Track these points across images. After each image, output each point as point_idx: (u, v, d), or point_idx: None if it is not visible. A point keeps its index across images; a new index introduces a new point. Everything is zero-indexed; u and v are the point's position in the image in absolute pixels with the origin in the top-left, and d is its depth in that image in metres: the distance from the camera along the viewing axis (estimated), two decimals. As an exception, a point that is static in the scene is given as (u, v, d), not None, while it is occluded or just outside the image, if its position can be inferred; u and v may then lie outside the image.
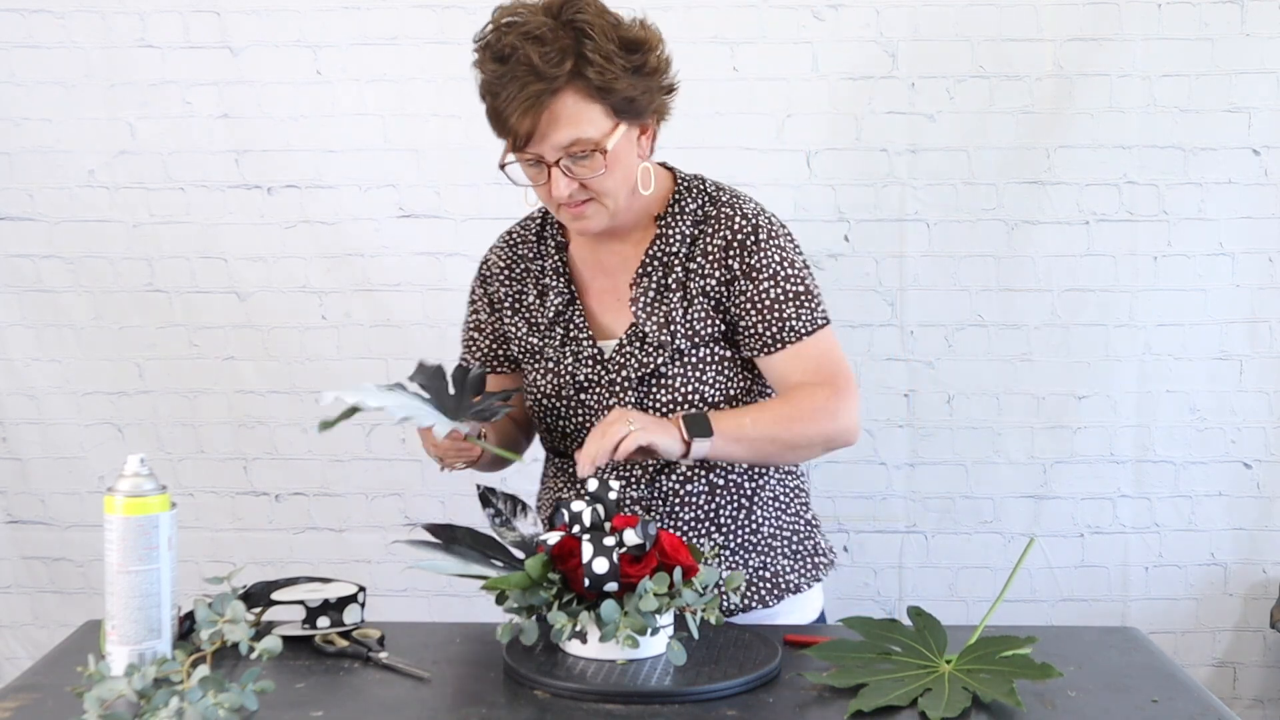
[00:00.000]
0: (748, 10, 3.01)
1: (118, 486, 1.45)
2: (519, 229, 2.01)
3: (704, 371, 1.84)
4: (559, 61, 1.69)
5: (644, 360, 1.84)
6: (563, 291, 1.91)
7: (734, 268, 1.83)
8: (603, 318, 1.91)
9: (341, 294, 3.09)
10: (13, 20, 3.03)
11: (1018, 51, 2.99)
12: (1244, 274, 3.04)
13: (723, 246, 1.83)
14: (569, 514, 1.57)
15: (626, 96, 1.73)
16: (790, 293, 1.84)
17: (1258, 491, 3.10)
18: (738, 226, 1.84)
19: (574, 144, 1.72)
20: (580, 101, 1.71)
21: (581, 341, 1.89)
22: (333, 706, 1.41)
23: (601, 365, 1.87)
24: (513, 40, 1.69)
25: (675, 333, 1.83)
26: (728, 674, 1.47)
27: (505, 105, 1.70)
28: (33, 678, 1.52)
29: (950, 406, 3.08)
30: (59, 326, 3.11)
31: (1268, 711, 3.15)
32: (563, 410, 1.90)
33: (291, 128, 3.05)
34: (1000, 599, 1.54)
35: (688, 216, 1.87)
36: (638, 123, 1.79)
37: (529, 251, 1.97)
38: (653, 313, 1.85)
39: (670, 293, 1.85)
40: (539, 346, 1.92)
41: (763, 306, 1.83)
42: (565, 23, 1.71)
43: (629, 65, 1.73)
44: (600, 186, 1.76)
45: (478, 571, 1.58)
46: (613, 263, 1.91)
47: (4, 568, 3.19)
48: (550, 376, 1.90)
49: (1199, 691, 1.49)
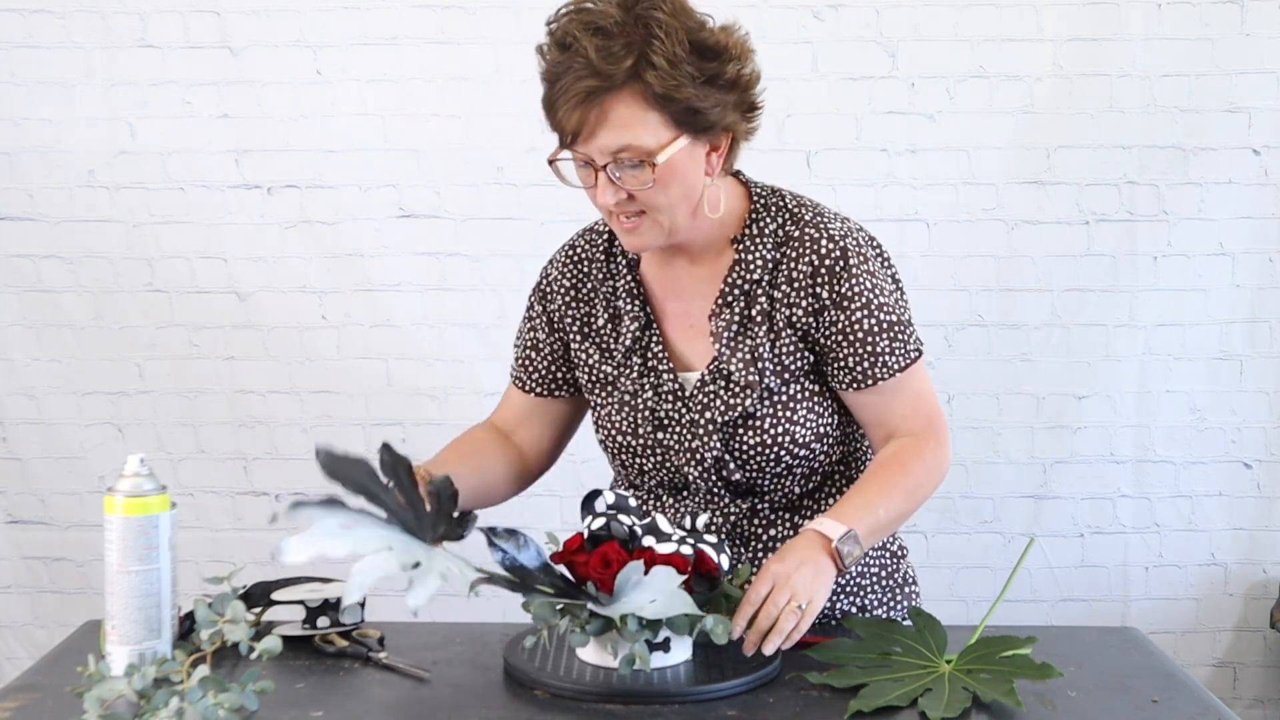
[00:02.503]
0: (748, 10, 2.99)
1: (118, 486, 1.45)
2: (583, 243, 1.81)
3: (794, 410, 1.68)
4: (618, 59, 1.54)
5: (730, 402, 1.68)
6: (638, 316, 1.74)
7: (823, 296, 1.67)
8: (680, 346, 1.74)
9: (341, 294, 3.09)
10: (13, 20, 3.04)
11: (1018, 51, 2.99)
12: (1244, 274, 3.04)
13: (809, 273, 1.67)
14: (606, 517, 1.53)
15: (691, 107, 1.57)
16: (884, 324, 1.68)
17: (1258, 491, 3.10)
18: (825, 250, 1.67)
19: (623, 150, 1.56)
20: (637, 106, 1.56)
21: (661, 374, 1.72)
22: (333, 706, 1.41)
23: (683, 402, 1.71)
24: (575, 29, 1.56)
25: (763, 370, 1.68)
26: (727, 674, 1.46)
27: (558, 96, 1.56)
28: (33, 678, 1.52)
29: (950, 406, 3.08)
30: (59, 326, 3.11)
31: (1268, 711, 3.15)
32: (638, 449, 1.73)
33: (291, 128, 3.05)
34: (1000, 599, 1.54)
35: (768, 239, 1.70)
36: (705, 138, 1.62)
37: (598, 270, 1.78)
38: (737, 348, 1.69)
39: (755, 325, 1.69)
40: (613, 376, 1.75)
41: (855, 339, 1.67)
42: (636, 17, 1.56)
43: (699, 73, 1.58)
44: (650, 200, 1.60)
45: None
46: (686, 285, 1.74)
47: (4, 568, 3.19)
48: (626, 411, 1.73)
49: (1199, 691, 1.49)
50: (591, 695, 1.41)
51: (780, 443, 1.68)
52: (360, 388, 3.10)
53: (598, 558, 1.47)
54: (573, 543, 1.52)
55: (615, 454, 1.77)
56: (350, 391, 3.10)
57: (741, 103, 1.66)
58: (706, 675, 1.46)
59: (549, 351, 1.82)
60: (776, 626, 1.47)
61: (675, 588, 1.43)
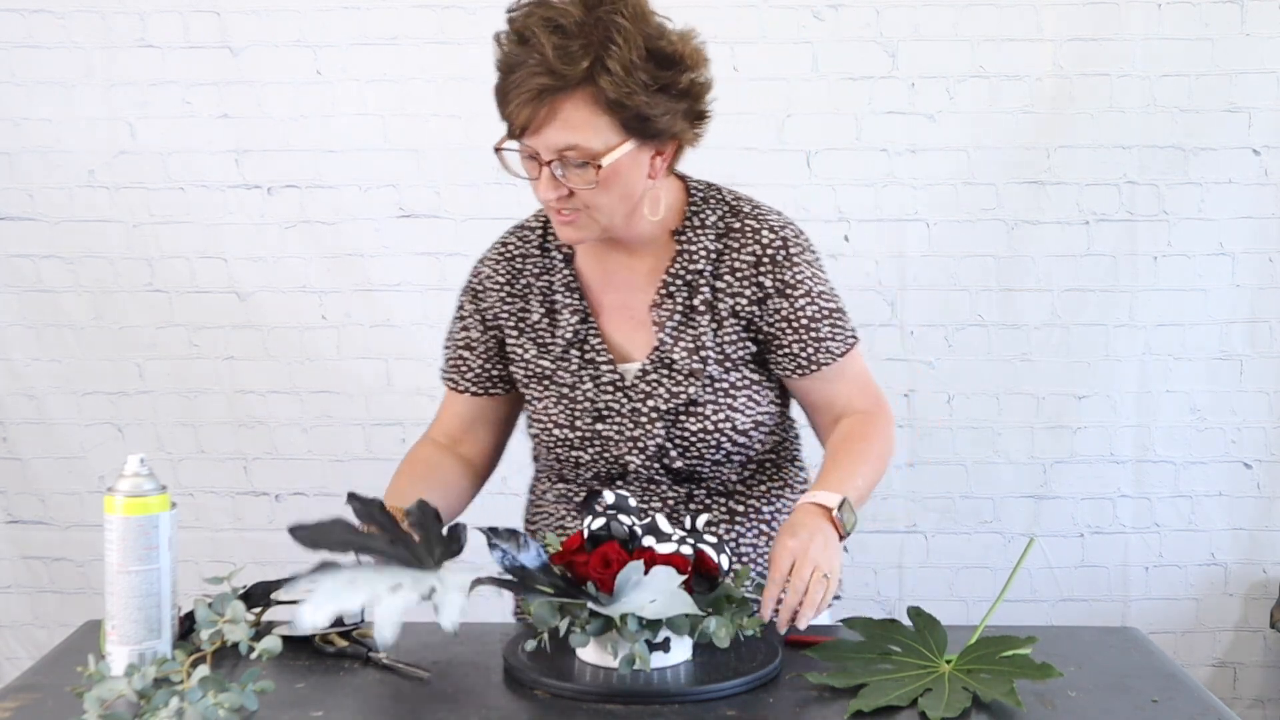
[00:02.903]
0: (748, 10, 3.01)
1: (118, 486, 1.45)
2: (515, 240, 1.83)
3: (735, 398, 1.73)
4: (574, 60, 1.54)
5: (674, 390, 1.71)
6: (577, 309, 1.76)
7: (766, 285, 1.72)
8: (618, 337, 1.76)
9: (341, 294, 3.09)
10: (13, 20, 3.04)
11: (1018, 51, 2.99)
12: (1244, 274, 3.04)
13: (752, 263, 1.72)
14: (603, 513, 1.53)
15: (642, 115, 1.58)
16: (825, 310, 1.74)
17: (1258, 491, 3.10)
18: (767, 240, 1.72)
19: (569, 149, 1.58)
20: (588, 108, 1.57)
21: (600, 365, 1.74)
22: (333, 706, 1.41)
23: (624, 392, 1.73)
24: (535, 24, 1.56)
25: (707, 358, 1.71)
26: (728, 674, 1.47)
27: (511, 89, 1.57)
28: (33, 678, 1.52)
29: (950, 406, 3.08)
30: (59, 326, 3.11)
31: (1268, 711, 3.15)
32: (576, 440, 1.75)
33: (291, 128, 3.05)
34: (1000, 599, 1.54)
35: (709, 230, 1.74)
36: (652, 144, 1.63)
37: (532, 265, 1.80)
38: (680, 336, 1.72)
39: (698, 314, 1.72)
40: (550, 370, 1.76)
41: (799, 326, 1.73)
42: (597, 19, 1.56)
43: (653, 81, 1.58)
44: (590, 200, 1.62)
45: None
46: (624, 278, 1.76)
47: (4, 568, 3.19)
48: (564, 404, 1.74)
49: (1199, 691, 1.49)
50: (591, 695, 1.41)
51: (721, 429, 1.72)
52: (360, 388, 3.10)
53: (598, 558, 1.47)
54: (572, 542, 1.52)
55: (551, 447, 1.78)
56: (350, 391, 3.10)
57: (691, 111, 1.68)
58: (706, 675, 1.46)
59: (483, 350, 1.83)
60: (808, 598, 1.51)
61: (675, 588, 1.44)
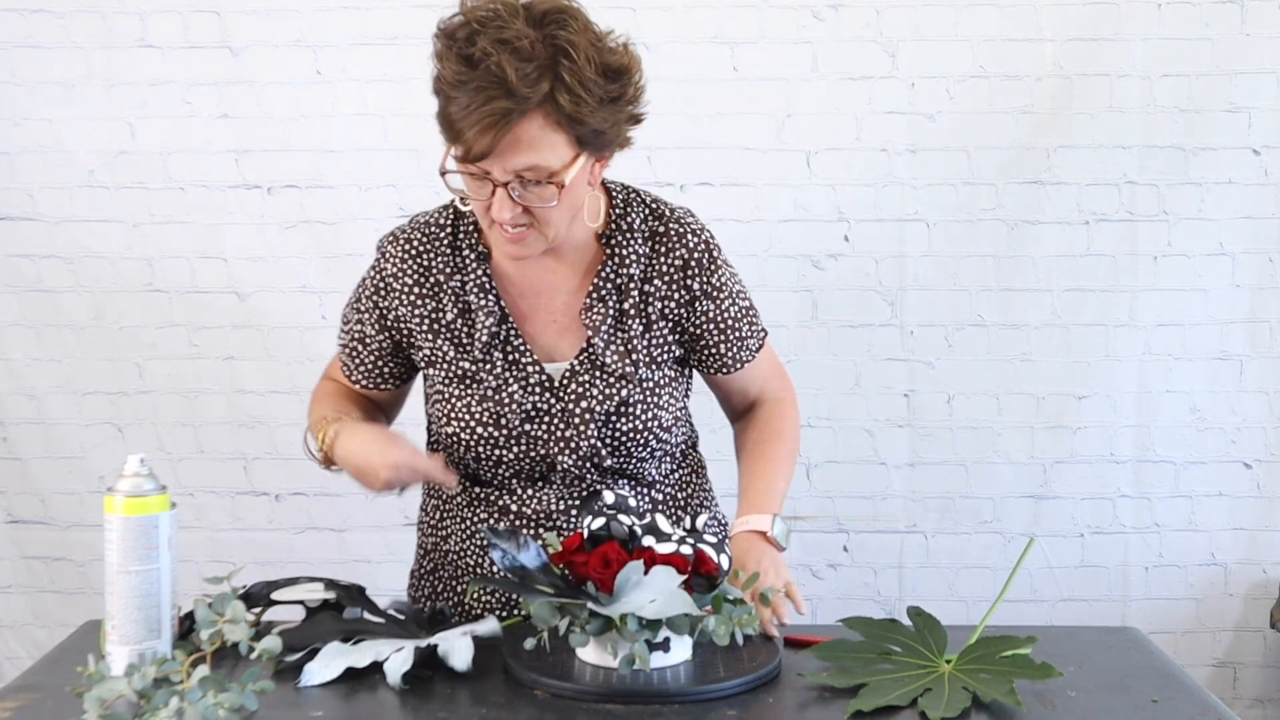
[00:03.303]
0: (748, 10, 3.01)
1: (118, 486, 1.45)
2: (421, 237, 1.77)
3: (660, 396, 1.76)
4: (533, 82, 1.52)
5: (607, 392, 1.73)
6: (493, 311, 1.73)
7: (694, 288, 1.75)
8: (541, 339, 1.76)
9: (341, 294, 3.05)
10: (13, 20, 3.03)
11: (1018, 51, 2.99)
12: (1244, 274, 3.04)
13: (680, 266, 1.74)
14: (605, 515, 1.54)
15: (596, 129, 1.58)
16: (742, 309, 1.82)
17: (1258, 491, 3.10)
18: (692, 245, 1.75)
19: (529, 169, 1.56)
20: (546, 127, 1.55)
21: (525, 366, 1.74)
22: (333, 707, 1.41)
23: (552, 393, 1.74)
24: (487, 45, 1.52)
25: (638, 361, 1.74)
26: (728, 674, 1.47)
27: (462, 114, 1.53)
28: (33, 678, 1.52)
29: (950, 406, 3.08)
30: (59, 326, 3.11)
31: (1268, 711, 3.15)
32: (500, 439, 1.73)
33: (291, 128, 3.05)
34: (1000, 599, 1.54)
35: (637, 234, 1.75)
36: (598, 155, 1.64)
37: (442, 263, 1.75)
38: (611, 340, 1.74)
39: (629, 318, 1.74)
40: (472, 371, 1.74)
41: (724, 327, 1.79)
42: (547, 37, 1.54)
43: (605, 95, 1.57)
44: (545, 215, 1.61)
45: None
46: (545, 280, 1.76)
47: (4, 568, 3.19)
48: (489, 404, 1.72)
49: (1199, 691, 1.49)
50: (591, 695, 1.41)
51: (650, 428, 1.76)
52: (360, 388, 3.10)
53: (598, 558, 1.47)
54: (572, 542, 1.52)
55: (470, 445, 1.75)
56: (350, 391, 3.10)
57: (632, 116, 1.65)
58: (706, 675, 1.46)
59: (376, 347, 1.82)
60: (778, 610, 1.64)
61: (675, 588, 1.44)
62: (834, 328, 3.05)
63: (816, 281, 3.04)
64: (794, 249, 3.05)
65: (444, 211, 1.79)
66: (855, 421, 3.07)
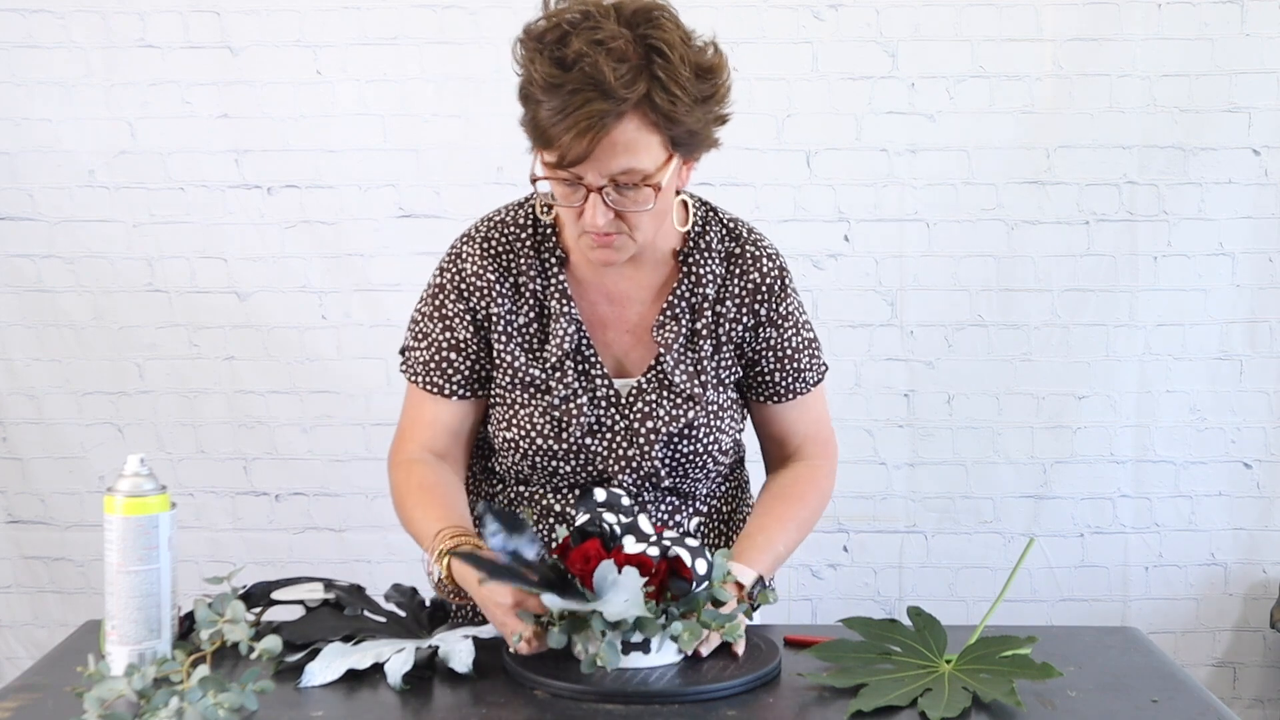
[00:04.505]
0: (748, 10, 3.01)
1: (118, 486, 1.45)
2: (500, 237, 1.71)
3: (722, 420, 1.72)
4: (631, 82, 1.47)
5: (674, 413, 1.68)
6: (574, 320, 1.69)
7: (760, 314, 1.72)
8: (612, 349, 1.72)
9: (341, 294, 3.09)
10: (13, 20, 3.04)
11: (1018, 51, 3.00)
12: (1244, 274, 3.04)
13: (751, 290, 1.71)
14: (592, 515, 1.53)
15: (691, 129, 1.54)
16: (805, 340, 1.76)
17: (1258, 491, 3.10)
18: (766, 270, 1.72)
19: (625, 173, 1.52)
20: (642, 129, 1.50)
21: (596, 380, 1.69)
22: (333, 706, 1.41)
23: (618, 409, 1.69)
24: (583, 46, 1.47)
25: (706, 383, 1.70)
26: (728, 674, 1.47)
27: (555, 118, 1.48)
28: (33, 678, 1.52)
29: (950, 406, 3.08)
30: (59, 326, 3.11)
31: (1268, 711, 3.15)
32: (560, 452, 1.68)
33: (291, 128, 3.05)
34: (1000, 599, 1.54)
35: (714, 254, 1.71)
36: (688, 156, 1.60)
37: (525, 264, 1.70)
38: (681, 359, 1.70)
39: (700, 339, 1.70)
40: (540, 379, 1.68)
41: (784, 356, 1.74)
42: (640, 37, 1.50)
43: (699, 94, 1.54)
44: (637, 220, 1.56)
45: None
46: (622, 289, 1.71)
47: (4, 568, 3.19)
48: (554, 415, 1.67)
49: (1199, 691, 1.49)
50: (591, 695, 1.41)
51: (710, 451, 1.72)
52: (360, 388, 3.10)
53: (579, 554, 1.47)
54: (568, 540, 1.53)
55: (527, 454, 1.69)
56: (350, 391, 3.10)
57: (720, 117, 1.62)
58: (706, 675, 1.46)
59: (473, 351, 1.72)
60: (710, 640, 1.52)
61: (638, 589, 1.43)
62: (834, 327, 3.05)
63: (816, 281, 3.04)
64: (794, 249, 3.03)
65: (518, 211, 1.73)
66: (855, 421, 3.07)
